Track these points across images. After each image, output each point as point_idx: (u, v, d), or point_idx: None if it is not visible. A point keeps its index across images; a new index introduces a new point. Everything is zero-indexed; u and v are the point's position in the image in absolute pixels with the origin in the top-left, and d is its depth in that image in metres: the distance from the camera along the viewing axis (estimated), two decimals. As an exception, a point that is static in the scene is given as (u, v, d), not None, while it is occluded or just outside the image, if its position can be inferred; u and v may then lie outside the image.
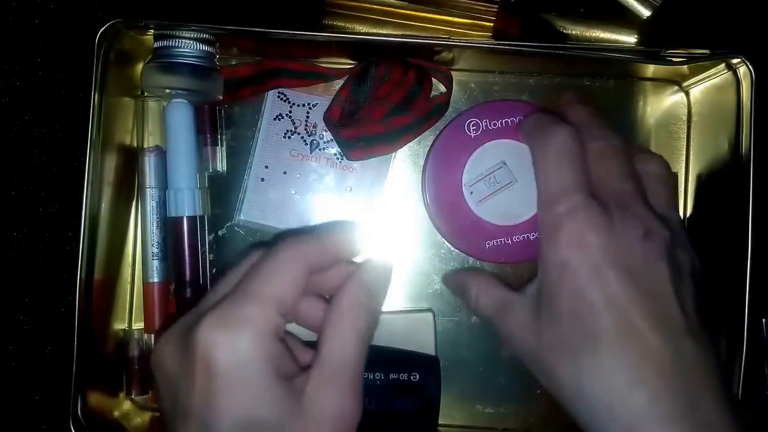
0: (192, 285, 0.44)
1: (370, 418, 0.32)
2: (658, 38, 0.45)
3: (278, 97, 0.46)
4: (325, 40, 0.42)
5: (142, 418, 0.45)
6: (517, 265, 0.45)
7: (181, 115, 0.43)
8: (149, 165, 0.44)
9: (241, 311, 0.29)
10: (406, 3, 0.43)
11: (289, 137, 0.46)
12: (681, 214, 0.46)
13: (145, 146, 0.45)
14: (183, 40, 0.41)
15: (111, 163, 0.42)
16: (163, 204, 0.44)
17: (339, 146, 0.45)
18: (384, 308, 0.34)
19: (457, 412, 0.46)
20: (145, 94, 0.45)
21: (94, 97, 0.39)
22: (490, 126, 0.42)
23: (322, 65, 0.46)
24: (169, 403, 0.30)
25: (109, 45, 0.40)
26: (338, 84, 0.46)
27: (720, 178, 0.44)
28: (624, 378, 0.31)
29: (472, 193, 0.41)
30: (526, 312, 0.35)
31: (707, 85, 0.45)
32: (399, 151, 0.46)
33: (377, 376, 0.42)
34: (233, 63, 0.45)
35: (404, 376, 0.42)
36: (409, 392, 0.42)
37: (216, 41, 0.42)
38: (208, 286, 0.46)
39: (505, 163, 0.41)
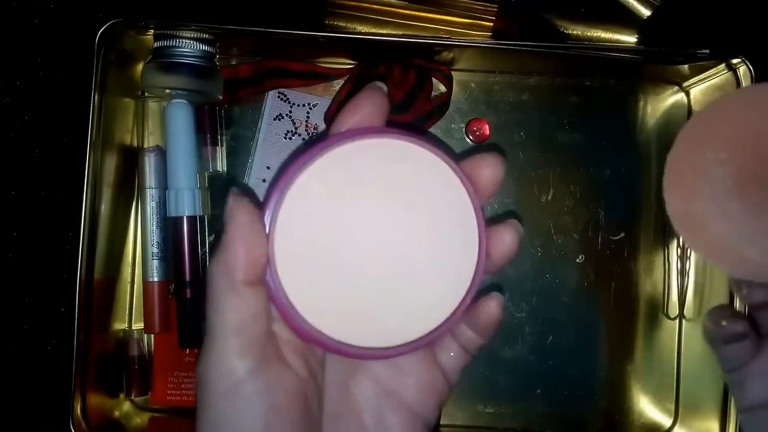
0: (192, 285, 0.44)
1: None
2: (658, 38, 0.45)
3: (278, 97, 0.46)
4: (325, 40, 0.42)
5: (141, 419, 0.45)
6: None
7: (181, 115, 0.43)
8: (149, 165, 0.44)
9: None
10: (406, 3, 0.43)
11: (290, 138, 0.46)
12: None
13: (145, 146, 0.45)
14: (183, 40, 0.41)
15: (111, 163, 0.42)
16: (163, 204, 0.44)
17: (339, 146, 0.45)
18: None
19: (458, 412, 0.46)
20: (145, 94, 0.45)
21: (94, 98, 0.39)
22: None
23: (322, 65, 0.46)
24: None
25: (109, 45, 0.40)
26: (338, 84, 0.46)
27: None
28: None
29: None
30: None
31: (707, 85, 0.45)
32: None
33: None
34: (233, 63, 0.45)
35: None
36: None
37: (216, 41, 0.42)
38: (208, 286, 0.46)
39: None
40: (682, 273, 0.46)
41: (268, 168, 0.46)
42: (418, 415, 0.28)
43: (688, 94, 0.47)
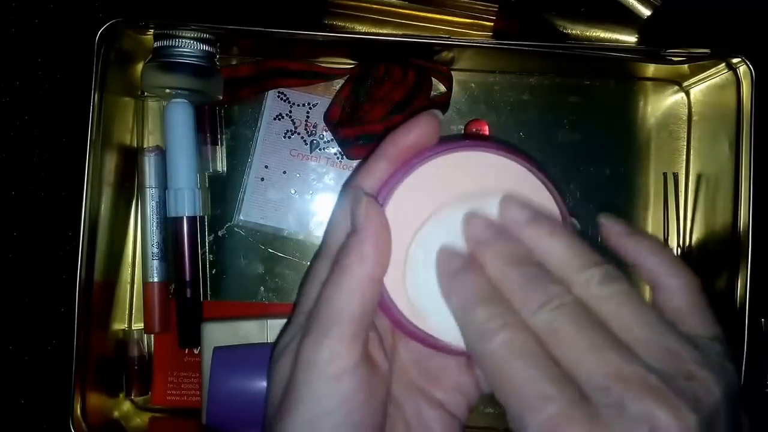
0: (192, 285, 0.44)
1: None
2: (658, 38, 0.45)
3: (278, 97, 0.46)
4: (325, 40, 0.42)
5: (141, 419, 0.45)
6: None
7: (181, 115, 0.43)
8: (149, 165, 0.44)
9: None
10: (406, 3, 0.43)
11: (289, 137, 0.46)
12: (682, 215, 0.47)
13: (145, 146, 0.45)
14: (183, 40, 0.41)
15: (111, 163, 0.42)
16: (163, 204, 0.44)
17: (339, 145, 0.45)
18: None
19: (457, 412, 0.46)
20: (145, 94, 0.45)
21: (94, 97, 0.39)
22: None
23: (322, 65, 0.46)
24: None
25: (109, 45, 0.40)
26: (338, 84, 0.46)
27: (720, 178, 0.44)
28: None
29: None
30: None
31: (707, 84, 0.45)
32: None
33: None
34: (233, 63, 0.45)
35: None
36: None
37: (216, 41, 0.42)
38: (208, 286, 0.46)
39: None
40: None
41: (266, 167, 0.46)
42: (450, 412, 0.29)
43: (688, 93, 0.47)
